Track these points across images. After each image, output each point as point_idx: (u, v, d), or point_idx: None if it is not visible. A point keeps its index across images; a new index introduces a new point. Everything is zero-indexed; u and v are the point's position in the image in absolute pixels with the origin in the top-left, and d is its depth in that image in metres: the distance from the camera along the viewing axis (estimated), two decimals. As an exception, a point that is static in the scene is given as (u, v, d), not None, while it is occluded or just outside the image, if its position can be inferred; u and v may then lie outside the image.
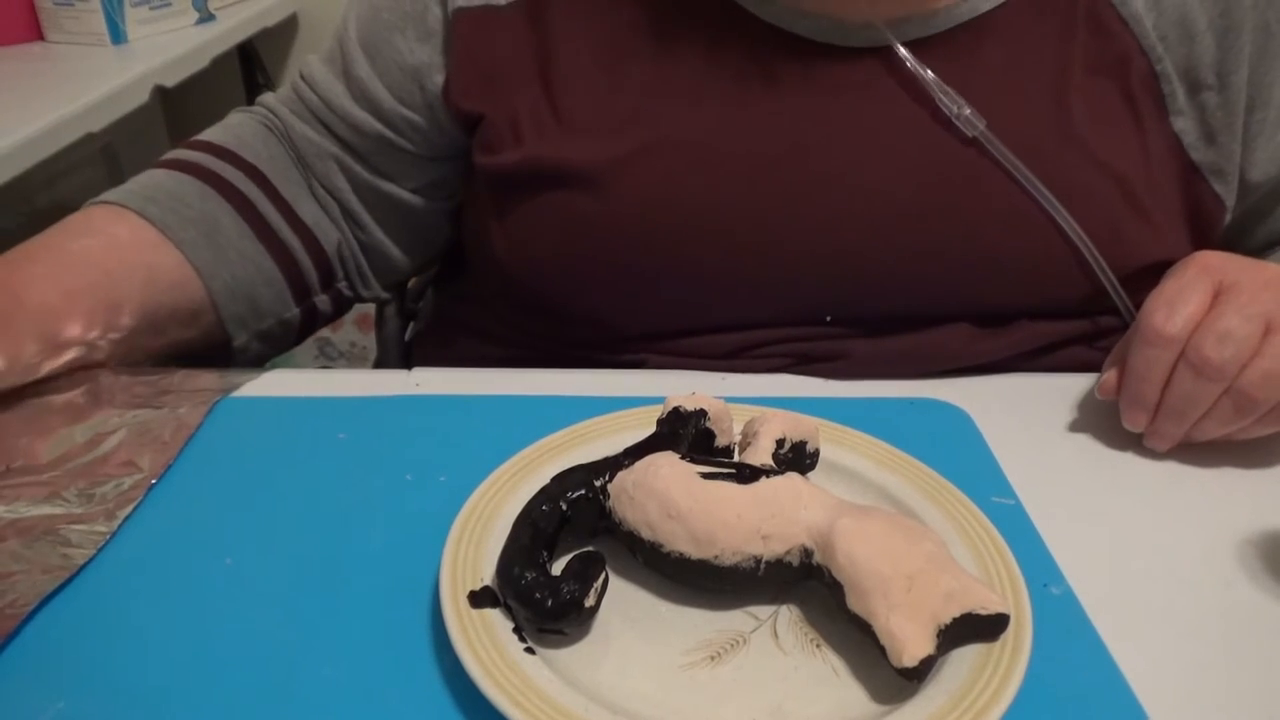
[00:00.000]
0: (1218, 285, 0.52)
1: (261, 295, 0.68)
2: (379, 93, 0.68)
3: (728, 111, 0.60)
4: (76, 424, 0.54)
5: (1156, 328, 0.52)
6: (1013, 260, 0.60)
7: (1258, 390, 0.50)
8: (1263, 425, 0.52)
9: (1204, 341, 0.50)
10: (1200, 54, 0.61)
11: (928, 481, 0.48)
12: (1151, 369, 0.52)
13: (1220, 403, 0.51)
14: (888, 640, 0.37)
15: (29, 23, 1.31)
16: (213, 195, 0.67)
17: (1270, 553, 0.48)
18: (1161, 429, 0.54)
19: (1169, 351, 0.52)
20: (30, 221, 1.42)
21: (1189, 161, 0.62)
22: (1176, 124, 0.62)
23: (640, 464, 0.43)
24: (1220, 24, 0.60)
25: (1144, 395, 0.53)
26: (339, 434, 0.54)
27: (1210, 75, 0.61)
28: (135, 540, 0.46)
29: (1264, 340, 0.50)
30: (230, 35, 1.46)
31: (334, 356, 1.77)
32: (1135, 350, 0.53)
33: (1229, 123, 0.62)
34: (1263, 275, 0.52)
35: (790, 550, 0.40)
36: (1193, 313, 0.51)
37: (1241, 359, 0.50)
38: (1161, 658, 0.42)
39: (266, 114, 0.73)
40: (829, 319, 0.62)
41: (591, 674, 0.38)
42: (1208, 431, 0.53)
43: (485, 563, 0.41)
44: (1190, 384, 0.51)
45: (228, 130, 0.72)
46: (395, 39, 0.67)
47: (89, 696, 0.38)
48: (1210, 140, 0.62)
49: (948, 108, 0.58)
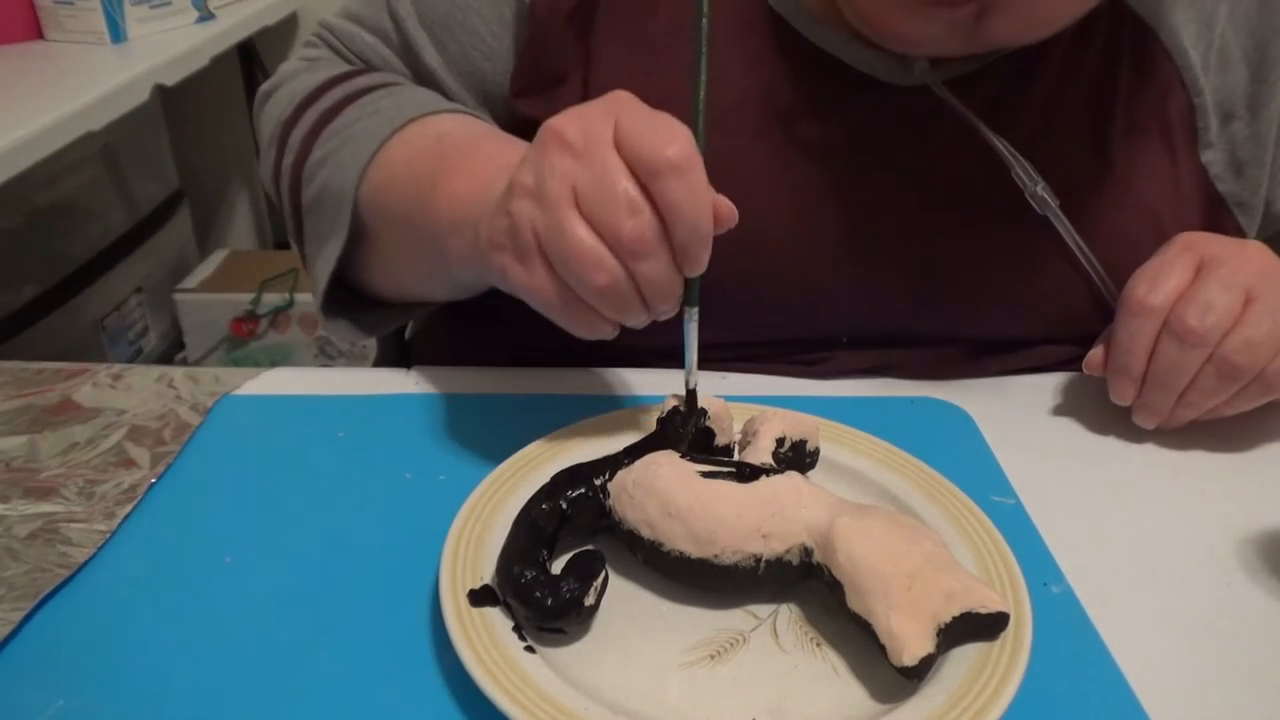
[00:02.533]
0: (1200, 260, 0.54)
1: None
2: (449, 84, 0.63)
3: (765, 133, 0.58)
4: (76, 422, 0.54)
5: (1140, 299, 0.53)
6: (1038, 298, 0.61)
7: (1240, 356, 0.51)
8: (1246, 398, 0.53)
9: (1187, 311, 0.52)
10: (1234, 85, 0.60)
11: (928, 481, 0.48)
12: (1136, 339, 0.54)
13: (1204, 371, 0.52)
14: (887, 639, 0.37)
15: (29, 21, 1.31)
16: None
17: (1270, 553, 0.48)
18: (1148, 401, 0.55)
19: (1153, 321, 0.53)
20: (30, 220, 1.41)
21: (1215, 194, 0.62)
22: (1205, 156, 0.61)
23: (640, 463, 0.43)
24: (1255, 56, 0.60)
25: (1130, 366, 0.54)
26: (338, 433, 0.54)
27: (1241, 107, 0.61)
28: (135, 539, 0.46)
29: (1245, 310, 0.52)
30: (230, 34, 1.46)
31: (333, 355, 1.77)
32: (1120, 322, 0.54)
33: (1258, 155, 0.62)
34: (1243, 251, 0.54)
35: (790, 549, 0.40)
36: (1175, 285, 0.53)
37: (1223, 327, 0.51)
38: (1161, 657, 0.42)
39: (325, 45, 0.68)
40: (845, 340, 0.62)
41: (591, 673, 0.38)
42: (1194, 404, 0.54)
43: (485, 561, 0.41)
44: (1174, 352, 0.52)
45: (334, 63, 0.67)
46: (473, 22, 0.61)
47: (89, 695, 0.38)
48: (1238, 173, 0.62)
49: (1023, 181, 0.58)
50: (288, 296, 1.73)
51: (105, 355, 1.60)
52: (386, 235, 0.57)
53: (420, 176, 0.52)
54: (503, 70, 0.62)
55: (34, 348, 1.40)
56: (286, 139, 0.61)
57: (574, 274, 0.41)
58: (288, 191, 0.61)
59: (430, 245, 0.52)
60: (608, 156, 0.40)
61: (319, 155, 0.58)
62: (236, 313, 1.73)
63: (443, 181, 0.50)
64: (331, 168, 0.57)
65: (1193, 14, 0.60)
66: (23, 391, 0.57)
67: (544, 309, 0.43)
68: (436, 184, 0.51)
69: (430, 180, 0.51)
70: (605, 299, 0.41)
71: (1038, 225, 0.59)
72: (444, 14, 0.62)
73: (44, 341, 1.43)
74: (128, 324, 1.67)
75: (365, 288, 0.62)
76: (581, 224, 0.40)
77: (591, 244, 0.40)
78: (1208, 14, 0.60)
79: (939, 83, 0.58)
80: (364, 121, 0.57)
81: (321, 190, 0.58)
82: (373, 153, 0.55)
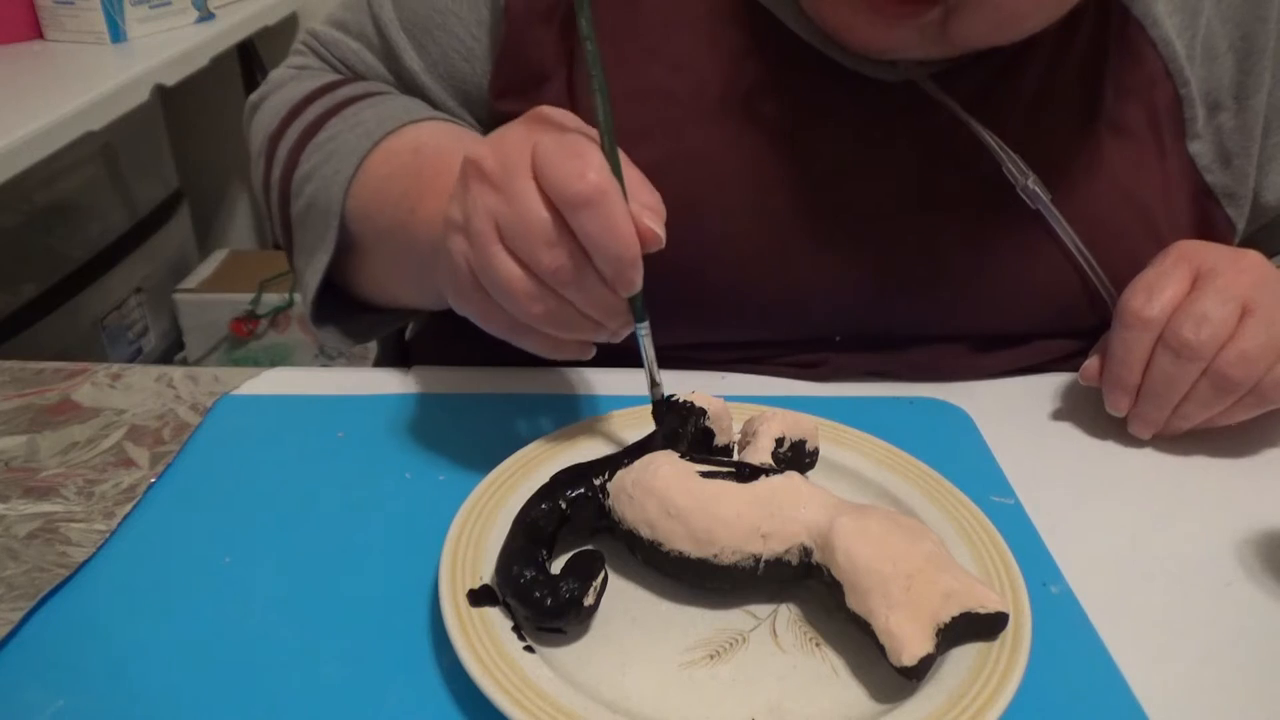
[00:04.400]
0: (1195, 271, 0.54)
1: None
2: (430, 88, 0.63)
3: (751, 128, 0.58)
4: (76, 422, 0.54)
5: (1136, 311, 0.53)
6: (1031, 291, 0.60)
7: (1235, 370, 0.51)
8: (1242, 409, 0.53)
9: (1182, 324, 0.52)
10: (1220, 75, 0.60)
11: (928, 481, 0.48)
12: (1131, 351, 0.53)
13: (1199, 385, 0.52)
14: (887, 639, 0.37)
15: (29, 21, 1.31)
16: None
17: (1270, 553, 0.48)
18: (1143, 412, 0.55)
19: (1148, 334, 0.53)
20: (30, 220, 1.41)
21: (1203, 185, 0.62)
22: (1192, 147, 0.61)
23: (639, 463, 0.43)
24: (1242, 46, 0.60)
25: (1125, 378, 0.54)
26: (338, 433, 0.54)
27: (1228, 97, 0.61)
28: (135, 539, 0.46)
29: (1240, 323, 0.51)
30: (230, 34, 1.46)
31: (333, 355, 1.77)
32: (1116, 334, 0.54)
33: (1245, 145, 0.61)
34: (1240, 262, 0.54)
35: (789, 549, 0.40)
36: (1171, 297, 0.53)
37: (1219, 340, 0.51)
38: (1161, 657, 0.42)
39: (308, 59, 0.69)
40: (838, 339, 0.62)
41: (591, 672, 0.38)
42: (1189, 416, 0.54)
43: (484, 561, 0.41)
44: (1169, 365, 0.52)
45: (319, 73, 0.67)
46: (452, 24, 0.61)
47: (89, 695, 0.38)
48: (1226, 163, 0.62)
49: (1014, 175, 0.57)
50: (287, 296, 1.73)
51: (105, 355, 1.60)
52: (375, 249, 0.57)
53: (398, 197, 0.53)
54: (482, 71, 0.62)
55: (34, 348, 1.40)
56: (274, 153, 0.62)
57: (511, 305, 0.42)
58: (277, 204, 0.61)
59: (416, 263, 0.53)
60: (524, 189, 0.40)
61: (305, 170, 0.59)
62: (236, 313, 1.73)
63: (418, 204, 0.52)
64: (317, 183, 0.58)
65: (1177, 3, 0.59)
66: (22, 391, 0.57)
67: (502, 336, 0.44)
68: (414, 206, 0.52)
69: (407, 201, 0.52)
70: (550, 324, 0.42)
71: (1028, 218, 0.59)
72: (424, 17, 0.62)
73: (44, 341, 1.44)
74: (128, 324, 1.67)
75: (359, 295, 0.62)
76: (508, 259, 0.41)
77: (518, 276, 0.41)
78: (1193, 4, 0.60)
79: (925, 77, 0.57)
80: (345, 135, 0.58)
81: (309, 205, 0.58)
82: (355, 167, 0.56)
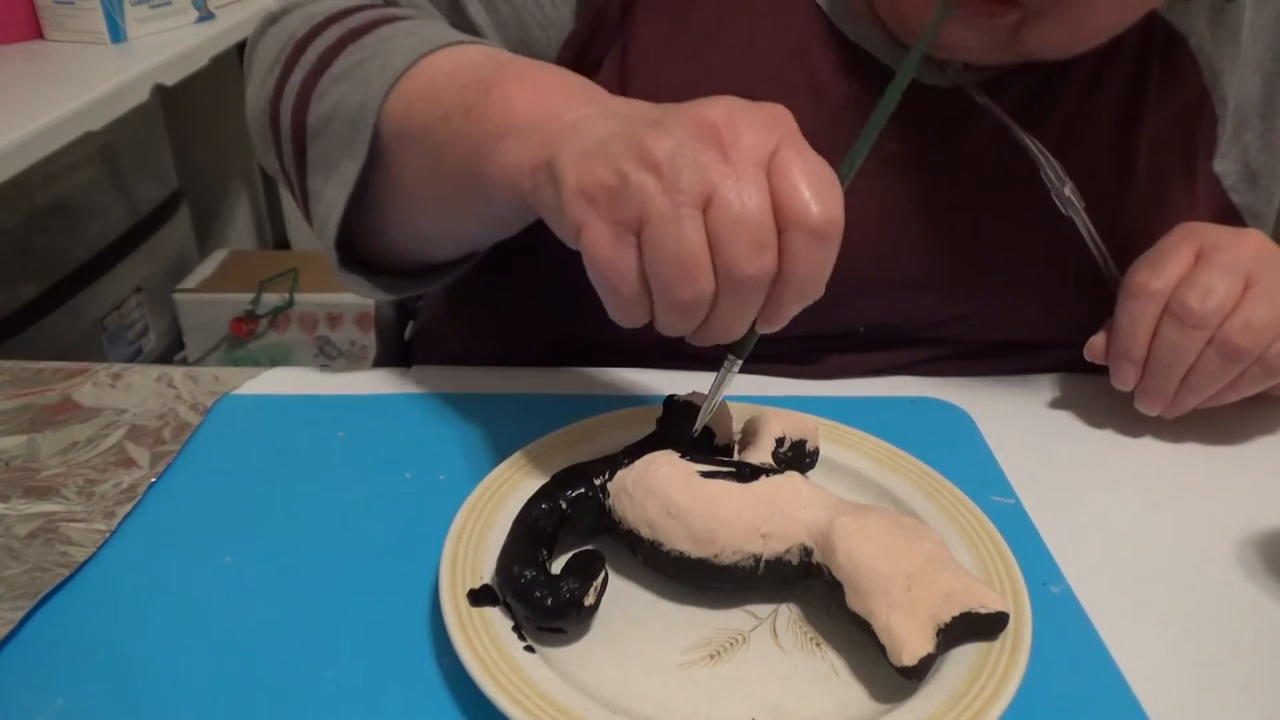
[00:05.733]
0: (1199, 247, 0.54)
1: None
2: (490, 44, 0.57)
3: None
4: (76, 422, 0.54)
5: (1141, 283, 0.54)
6: (1055, 300, 0.61)
7: (1241, 338, 0.52)
8: (1248, 382, 0.54)
9: (1187, 294, 0.52)
10: (1248, 94, 0.61)
11: (928, 481, 0.48)
12: (1137, 323, 0.54)
13: (1205, 354, 0.53)
14: (887, 639, 0.37)
15: (29, 21, 1.31)
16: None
17: (1270, 553, 0.48)
18: (1150, 386, 0.55)
19: (1154, 305, 0.53)
20: (30, 220, 1.42)
21: (1228, 204, 0.62)
22: (1219, 166, 0.61)
23: (640, 463, 0.43)
24: (1270, 67, 0.60)
25: (1131, 350, 0.54)
26: (338, 432, 0.54)
27: (1254, 117, 0.61)
28: (135, 539, 0.46)
29: (1244, 293, 0.52)
30: (230, 34, 1.46)
31: (333, 355, 1.77)
32: (1121, 307, 0.55)
33: (1271, 165, 0.62)
34: (1242, 238, 0.55)
35: (790, 549, 0.40)
36: (1176, 270, 0.53)
37: (1224, 309, 0.52)
38: (1161, 657, 0.42)
39: None
40: (862, 329, 0.62)
41: (591, 672, 0.38)
42: (1196, 389, 0.54)
43: (485, 561, 0.41)
44: (1176, 335, 0.53)
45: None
46: None
47: (89, 695, 0.38)
48: (1252, 183, 0.62)
49: (1051, 181, 0.57)
50: (287, 296, 1.73)
51: (105, 355, 1.60)
52: (410, 153, 0.51)
53: (467, 83, 0.47)
54: (556, 42, 0.58)
55: (34, 347, 1.40)
56: (298, 57, 0.55)
57: (662, 276, 0.37)
58: (290, 114, 0.54)
59: (467, 155, 0.46)
60: (759, 179, 0.36)
61: (340, 68, 0.52)
62: (236, 312, 1.73)
63: (499, 87, 0.45)
64: (353, 81, 0.51)
65: (1218, 22, 0.60)
66: (23, 391, 0.57)
67: (602, 284, 0.38)
68: (490, 88, 0.46)
69: (482, 85, 0.46)
70: (672, 309, 0.38)
71: (1060, 227, 0.59)
72: None
73: (44, 341, 1.44)
74: (128, 324, 1.67)
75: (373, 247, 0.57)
76: (701, 231, 0.36)
77: (699, 255, 0.36)
78: (1231, 23, 0.60)
79: (973, 84, 0.58)
80: (399, 40, 0.52)
81: (335, 107, 0.52)
82: (411, 62, 0.49)
